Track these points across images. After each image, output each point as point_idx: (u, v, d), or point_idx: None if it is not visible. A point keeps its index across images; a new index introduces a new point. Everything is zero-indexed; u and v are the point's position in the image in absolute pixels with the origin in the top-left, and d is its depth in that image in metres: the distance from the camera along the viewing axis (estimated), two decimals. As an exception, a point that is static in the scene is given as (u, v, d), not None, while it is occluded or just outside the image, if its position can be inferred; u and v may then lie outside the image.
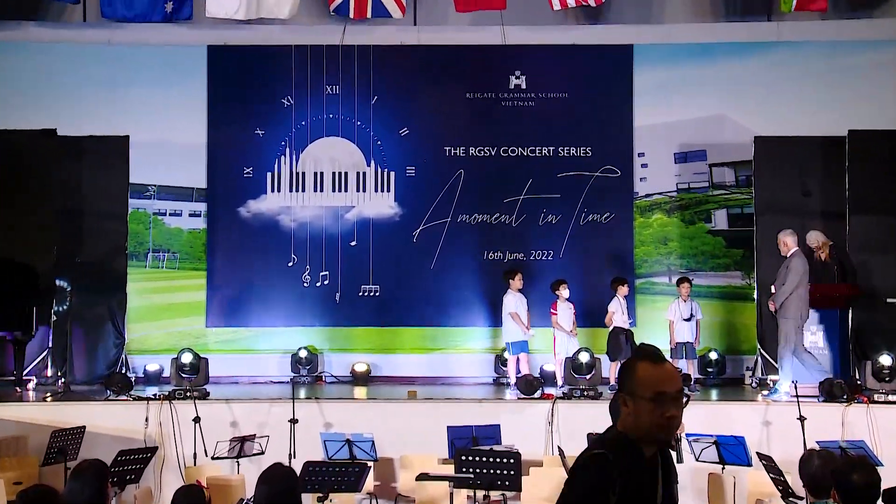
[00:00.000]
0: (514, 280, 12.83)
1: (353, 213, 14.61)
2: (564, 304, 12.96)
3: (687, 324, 12.91)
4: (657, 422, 3.61)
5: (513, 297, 12.73)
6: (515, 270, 12.94)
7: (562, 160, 14.59)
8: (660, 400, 3.62)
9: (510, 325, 12.71)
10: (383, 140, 14.67)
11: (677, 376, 3.72)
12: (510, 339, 12.75)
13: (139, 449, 9.23)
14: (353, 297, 14.49)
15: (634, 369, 3.72)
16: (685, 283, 13.10)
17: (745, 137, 13.96)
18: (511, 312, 12.65)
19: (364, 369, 13.99)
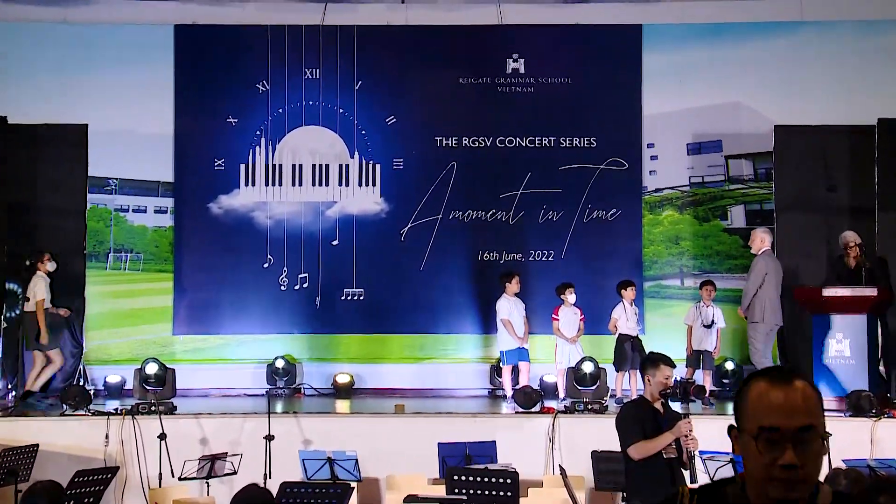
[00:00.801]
0: (511, 284, 12.80)
1: (334, 210, 14.59)
2: (569, 309, 12.95)
3: (707, 331, 12.89)
4: (765, 473, 2.72)
5: (506, 301, 12.71)
6: (512, 273, 12.92)
7: (564, 152, 14.59)
8: (770, 439, 2.73)
9: (503, 332, 12.70)
10: (368, 129, 14.65)
11: (803, 405, 2.77)
12: (504, 348, 12.74)
13: (98, 469, 9.17)
14: (334, 301, 14.47)
15: (746, 391, 2.85)
16: (709, 286, 13.09)
17: (764, 126, 13.97)
18: (503, 319, 12.63)
19: (347, 381, 13.96)
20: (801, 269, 13.20)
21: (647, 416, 6.95)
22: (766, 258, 12.01)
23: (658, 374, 6.97)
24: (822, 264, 13.27)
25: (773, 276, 11.82)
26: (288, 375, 13.97)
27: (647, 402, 7.03)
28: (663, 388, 6.95)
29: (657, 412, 6.99)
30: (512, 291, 12.80)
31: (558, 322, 12.92)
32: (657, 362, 7.03)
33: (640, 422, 6.88)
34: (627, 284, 13.06)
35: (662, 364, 7.00)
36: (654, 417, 6.95)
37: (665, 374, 6.96)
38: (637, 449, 6.81)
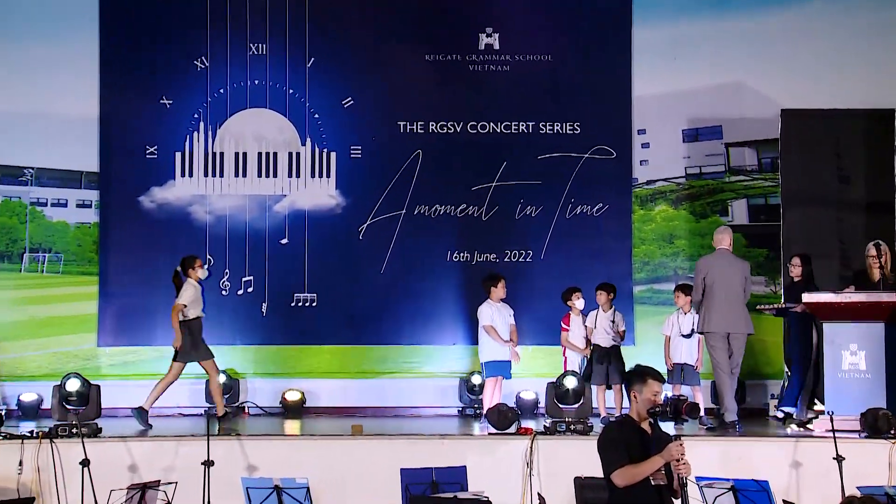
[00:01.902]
0: (497, 288, 12.76)
1: (283, 204, 14.54)
2: (578, 317, 12.94)
3: (685, 341, 12.89)
4: None
5: (489, 307, 12.68)
6: (498, 277, 12.88)
7: (544, 138, 14.59)
8: None
9: (486, 341, 12.65)
10: (321, 113, 14.60)
11: None
12: (487, 359, 12.68)
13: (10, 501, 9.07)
14: (283, 308, 14.42)
15: None
16: (681, 291, 13.06)
17: (769, 111, 14.01)
18: (485, 325, 12.60)
19: (297, 398, 13.92)
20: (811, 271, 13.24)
21: (633, 437, 6.91)
22: (705, 259, 12.11)
23: (645, 390, 6.93)
24: (835, 265, 13.33)
25: (718, 279, 11.81)
26: (230, 393, 13.88)
27: (632, 421, 6.99)
28: (651, 405, 6.90)
29: (644, 433, 6.95)
30: (497, 297, 12.76)
31: (568, 332, 12.87)
32: (644, 376, 6.98)
33: (624, 444, 6.84)
34: (600, 288, 13.06)
35: (650, 378, 6.96)
36: (641, 439, 6.91)
37: (653, 390, 6.92)
38: (622, 475, 6.77)
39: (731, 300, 11.84)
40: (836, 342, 11.63)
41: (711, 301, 11.87)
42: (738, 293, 11.87)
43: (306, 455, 10.85)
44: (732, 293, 11.85)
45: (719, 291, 11.84)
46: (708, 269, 11.95)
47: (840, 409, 11.05)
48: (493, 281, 12.81)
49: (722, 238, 12.13)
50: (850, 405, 11.35)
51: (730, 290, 11.85)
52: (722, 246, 12.07)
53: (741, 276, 11.91)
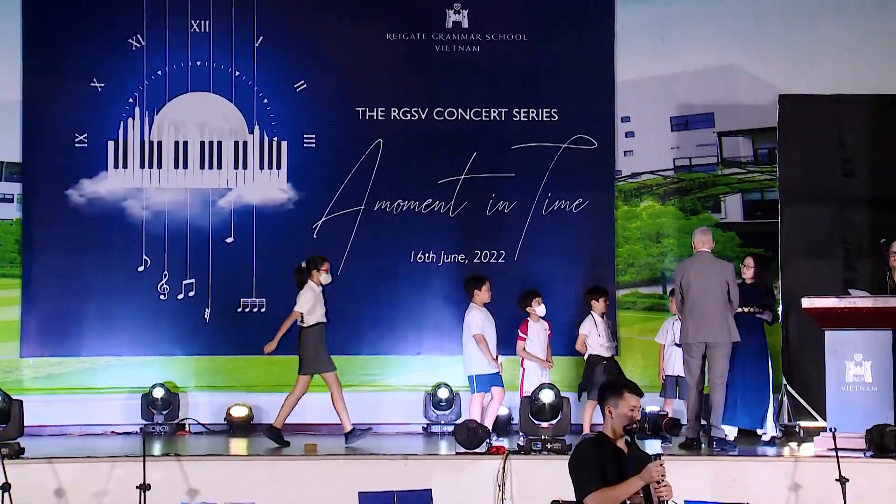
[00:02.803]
0: (481, 291, 12.75)
1: (229, 199, 14.52)
2: (538, 324, 12.93)
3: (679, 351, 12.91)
4: None
5: (479, 313, 12.67)
6: (482, 278, 12.86)
7: (518, 127, 14.62)
8: None
9: (474, 351, 12.63)
10: (272, 97, 14.58)
11: None
12: (475, 371, 12.66)
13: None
14: (229, 314, 14.41)
15: None
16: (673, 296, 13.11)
17: (766, 96, 14.06)
18: (476, 335, 12.57)
19: (244, 414, 13.91)
20: (812, 273, 13.28)
21: (608, 456, 6.90)
22: (682, 263, 12.21)
23: (622, 405, 6.91)
24: (838, 267, 13.38)
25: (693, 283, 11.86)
26: (169, 408, 13.86)
27: (608, 439, 6.98)
28: (628, 422, 6.89)
29: (621, 452, 6.95)
30: (481, 300, 12.75)
31: (525, 342, 12.86)
32: (620, 390, 6.97)
33: (599, 464, 6.83)
34: (599, 293, 13.06)
35: (627, 392, 6.95)
36: (618, 458, 6.90)
37: (630, 405, 6.91)
38: (596, 498, 6.76)
39: (709, 307, 11.85)
40: (839, 352, 11.67)
41: (688, 309, 11.91)
42: (719, 299, 11.87)
43: (254, 477, 10.80)
44: (711, 299, 11.86)
45: (697, 297, 11.85)
46: (683, 274, 11.99)
47: (843, 426, 11.09)
48: (477, 283, 12.79)
49: (702, 240, 12.16)
50: (854, 421, 11.38)
51: (708, 296, 11.85)
52: (702, 248, 12.11)
53: (721, 280, 11.91)
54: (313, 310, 12.28)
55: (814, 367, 12.54)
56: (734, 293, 11.94)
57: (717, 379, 11.91)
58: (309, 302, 12.25)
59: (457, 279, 14.13)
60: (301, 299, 12.27)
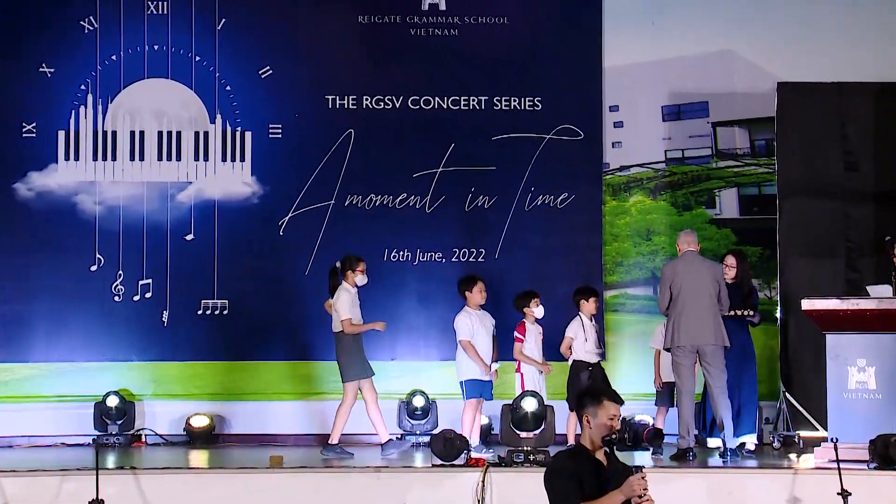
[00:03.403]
0: (473, 293, 12.70)
1: (189, 193, 14.51)
2: (534, 326, 12.92)
3: (678, 356, 12.96)
4: None
5: (468, 317, 12.62)
6: (475, 279, 12.82)
7: (499, 116, 14.64)
8: None
9: (459, 357, 12.62)
10: (235, 85, 14.59)
11: None
12: (465, 377, 12.64)
13: None
14: (189, 317, 14.40)
15: None
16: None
17: (764, 84, 14.12)
18: (462, 341, 12.54)
19: (205, 424, 13.89)
20: (812, 273, 13.31)
21: (587, 469, 6.88)
22: (669, 265, 12.24)
23: (601, 414, 6.89)
24: (840, 266, 13.42)
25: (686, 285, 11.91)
26: (124, 418, 13.82)
27: (585, 451, 6.96)
28: (607, 432, 6.88)
29: (600, 464, 6.93)
30: (475, 303, 12.71)
31: (523, 344, 12.83)
32: (598, 398, 6.95)
33: (577, 478, 6.81)
34: (588, 294, 13.02)
35: (606, 400, 6.93)
36: (597, 471, 6.89)
37: (609, 414, 6.88)
38: None
39: (700, 309, 11.88)
40: (840, 356, 11.67)
41: (677, 312, 11.93)
42: (709, 300, 11.91)
43: (216, 492, 10.75)
44: (702, 301, 11.89)
45: (687, 300, 11.87)
46: (673, 276, 11.99)
47: (845, 436, 11.09)
48: (468, 284, 12.76)
49: (688, 240, 12.21)
50: (857, 431, 11.39)
51: (699, 298, 11.88)
52: (689, 248, 12.14)
53: (712, 281, 11.95)
54: (353, 311, 12.31)
55: (814, 373, 12.55)
56: (724, 294, 11.98)
57: (718, 388, 11.93)
58: (347, 304, 12.28)
59: (433, 279, 14.16)
60: (341, 306, 12.28)
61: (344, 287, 12.36)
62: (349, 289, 12.36)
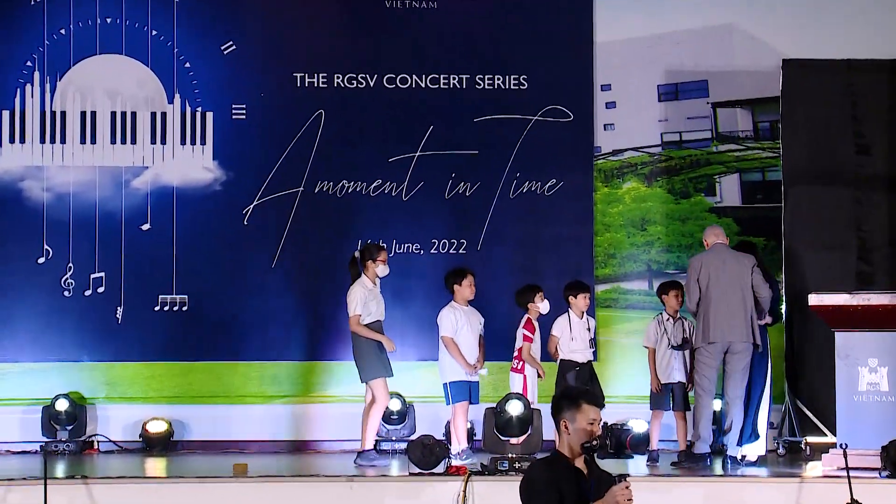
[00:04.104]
0: (462, 286, 12.66)
1: (145, 179, 14.48)
2: (535, 324, 12.91)
3: (677, 354, 12.94)
4: None
5: (453, 312, 12.59)
6: (464, 271, 12.78)
7: (481, 96, 14.65)
8: None
9: (444, 356, 12.59)
10: (195, 61, 14.56)
11: None
12: (450, 378, 12.61)
13: None
14: (145, 314, 14.38)
15: None
16: (675, 290, 13.13)
17: (768, 61, 14.16)
18: (444, 337, 12.52)
19: (162, 430, 13.88)
20: (821, 267, 13.33)
21: (566, 478, 6.85)
22: (698, 257, 12.27)
23: (580, 418, 6.84)
24: (851, 258, 13.43)
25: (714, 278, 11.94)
26: (74, 423, 13.79)
27: (564, 458, 6.94)
28: (587, 437, 6.85)
29: (580, 473, 6.91)
30: (463, 298, 12.65)
31: (532, 343, 12.80)
32: (577, 401, 6.89)
33: (555, 488, 6.79)
34: (578, 289, 13.00)
35: (585, 402, 6.88)
36: (576, 481, 6.86)
37: (589, 418, 6.83)
38: None
39: (730, 304, 11.91)
40: (850, 356, 11.71)
41: (704, 307, 11.94)
42: (742, 296, 11.93)
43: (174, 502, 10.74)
44: (733, 296, 11.92)
45: (715, 294, 11.89)
46: (700, 269, 11.99)
47: (855, 442, 11.11)
48: (457, 277, 12.71)
49: (716, 233, 12.26)
50: (868, 436, 11.42)
51: (729, 293, 11.91)
52: (718, 241, 12.15)
53: (743, 274, 11.96)
54: (366, 308, 12.28)
55: (822, 373, 12.59)
56: (762, 287, 11.98)
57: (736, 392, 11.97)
58: (361, 301, 12.25)
59: (410, 273, 14.13)
60: (351, 300, 12.27)
61: (361, 281, 12.36)
62: (366, 283, 12.35)
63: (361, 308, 12.20)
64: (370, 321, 12.29)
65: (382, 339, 12.24)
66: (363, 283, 12.33)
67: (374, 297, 12.35)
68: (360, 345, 12.30)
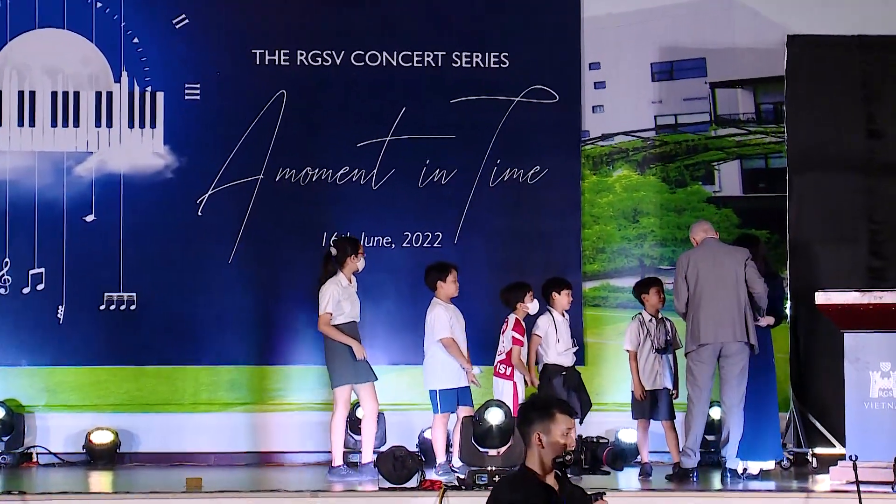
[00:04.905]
0: (447, 282, 12.67)
1: (89, 166, 14.47)
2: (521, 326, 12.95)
3: (661, 358, 12.95)
4: None
5: (445, 310, 12.62)
6: (448, 266, 12.80)
7: (458, 75, 14.66)
8: None
9: (440, 361, 12.58)
10: (144, 36, 14.54)
11: None
12: (440, 385, 12.62)
13: None
14: (89, 313, 14.36)
15: None
16: (654, 287, 13.13)
17: (772, 37, 14.19)
18: (444, 339, 12.52)
19: (108, 441, 13.85)
20: (829, 262, 13.35)
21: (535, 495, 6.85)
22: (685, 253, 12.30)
23: (554, 430, 6.81)
24: (861, 252, 13.46)
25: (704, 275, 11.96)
26: (11, 433, 13.78)
27: (533, 474, 6.93)
28: (559, 452, 6.83)
29: (551, 490, 6.90)
30: (447, 295, 12.68)
31: (523, 346, 12.80)
32: (550, 410, 6.86)
33: None
34: (561, 285, 13.03)
35: (559, 412, 6.85)
36: (547, 499, 6.86)
37: (563, 429, 6.82)
38: None
39: (721, 302, 11.91)
40: (861, 359, 11.74)
41: (694, 307, 11.94)
42: (735, 293, 11.94)
43: (121, 521, 10.76)
44: (725, 293, 11.92)
45: (705, 292, 11.90)
46: (688, 266, 11.99)
47: (866, 453, 11.11)
48: (441, 272, 12.73)
49: (704, 228, 12.29)
50: (879, 447, 11.45)
51: (720, 290, 11.91)
52: (707, 235, 12.16)
53: (736, 269, 11.97)
54: (339, 307, 12.25)
55: (830, 379, 12.61)
56: (757, 283, 11.98)
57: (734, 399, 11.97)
58: (333, 298, 12.22)
59: (380, 268, 14.06)
60: (322, 298, 12.25)
61: (336, 279, 12.33)
62: (341, 280, 12.33)
63: (333, 307, 12.18)
64: (343, 322, 12.27)
65: (352, 344, 12.20)
66: (338, 281, 12.32)
67: (348, 295, 12.33)
68: (331, 347, 12.29)
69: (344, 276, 12.32)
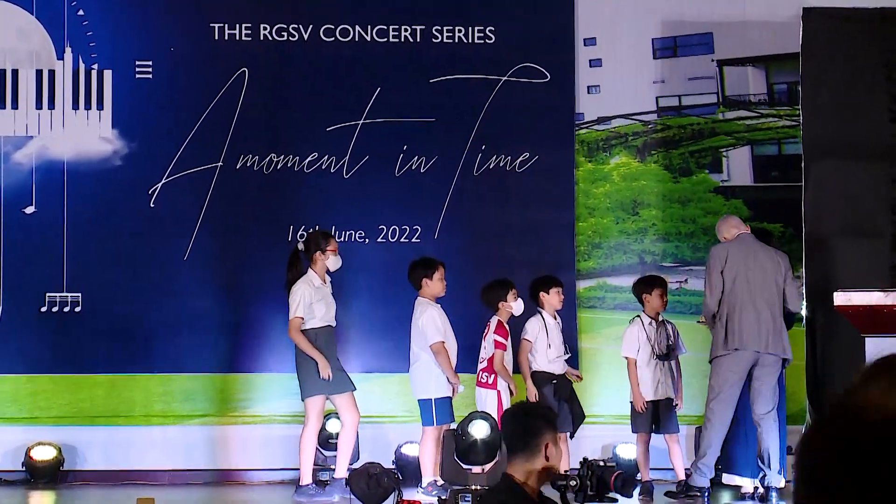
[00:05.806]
0: (433, 280, 12.78)
1: (28, 152, 14.48)
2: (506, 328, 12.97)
3: (663, 365, 12.96)
4: None
5: (437, 313, 12.63)
6: (435, 263, 12.87)
7: (439, 51, 14.70)
8: None
9: (428, 367, 12.60)
10: (90, 10, 14.53)
11: None
12: (434, 394, 12.64)
13: None
14: (28, 316, 14.35)
15: None
16: (660, 288, 13.14)
17: (785, 10, 14.20)
18: (435, 345, 12.53)
19: (50, 457, 13.85)
20: (849, 258, 13.37)
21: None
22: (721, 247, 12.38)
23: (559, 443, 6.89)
24: (884, 248, 13.48)
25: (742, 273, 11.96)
26: (-57, 449, 13.74)
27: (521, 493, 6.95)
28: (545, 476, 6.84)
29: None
30: (434, 294, 12.76)
31: (505, 351, 12.81)
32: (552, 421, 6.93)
33: None
34: (551, 283, 13.05)
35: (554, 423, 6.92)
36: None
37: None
38: None
39: (766, 310, 11.92)
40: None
41: (729, 308, 11.90)
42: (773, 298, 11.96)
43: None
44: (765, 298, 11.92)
45: (743, 294, 11.87)
46: (726, 261, 11.96)
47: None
48: (427, 269, 12.82)
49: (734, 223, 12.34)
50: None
51: (760, 293, 11.91)
52: (741, 231, 12.17)
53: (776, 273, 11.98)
54: (311, 309, 12.27)
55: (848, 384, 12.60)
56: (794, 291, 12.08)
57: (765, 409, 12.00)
58: (304, 300, 12.27)
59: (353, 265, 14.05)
60: (294, 300, 12.31)
61: (307, 278, 12.42)
62: (313, 280, 12.43)
63: (304, 310, 12.17)
64: (317, 326, 12.29)
65: (318, 359, 12.19)
66: (309, 281, 12.40)
67: (321, 297, 12.37)
68: (302, 354, 12.29)
69: (316, 275, 12.35)
